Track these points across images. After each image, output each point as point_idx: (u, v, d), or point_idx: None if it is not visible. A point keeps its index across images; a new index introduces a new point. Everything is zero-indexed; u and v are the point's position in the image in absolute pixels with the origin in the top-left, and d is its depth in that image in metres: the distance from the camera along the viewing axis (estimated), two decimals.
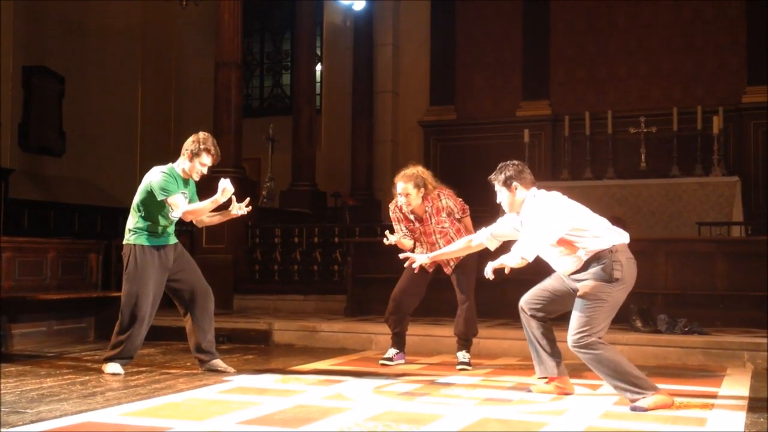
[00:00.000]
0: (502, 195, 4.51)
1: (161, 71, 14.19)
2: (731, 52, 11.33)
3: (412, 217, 5.66)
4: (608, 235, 4.26)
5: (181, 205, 5.11)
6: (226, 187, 5.03)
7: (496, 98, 12.46)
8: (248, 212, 5.30)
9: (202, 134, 5.26)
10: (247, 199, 5.29)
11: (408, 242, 5.63)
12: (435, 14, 12.82)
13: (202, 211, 5.17)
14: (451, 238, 5.61)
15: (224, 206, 5.24)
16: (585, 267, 4.26)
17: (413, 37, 13.05)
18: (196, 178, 5.31)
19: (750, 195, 10.58)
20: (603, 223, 4.34)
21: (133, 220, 5.26)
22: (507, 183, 4.45)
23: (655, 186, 10.28)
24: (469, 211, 5.78)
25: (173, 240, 5.35)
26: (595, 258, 4.22)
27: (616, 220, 5.41)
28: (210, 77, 10.42)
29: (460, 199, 5.75)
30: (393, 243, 5.46)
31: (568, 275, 4.36)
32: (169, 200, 5.11)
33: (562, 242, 4.25)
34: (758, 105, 10.87)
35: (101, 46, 13.38)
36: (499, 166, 4.53)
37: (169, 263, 5.29)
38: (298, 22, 12.44)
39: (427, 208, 5.62)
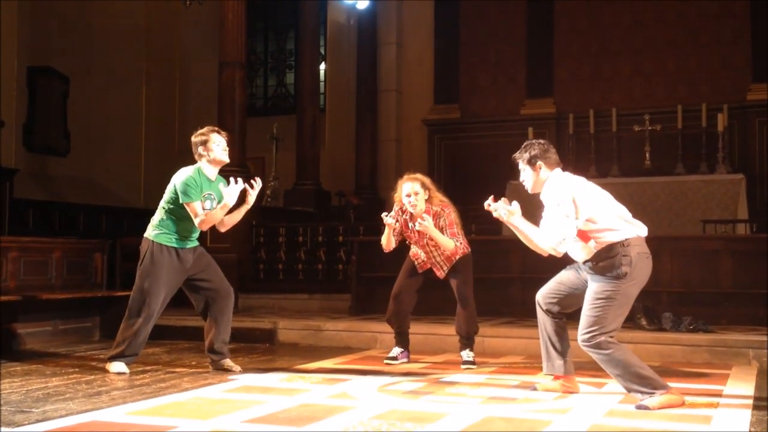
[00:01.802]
0: (525, 174, 4.41)
1: (165, 71, 14.21)
2: (736, 49, 11.30)
3: (411, 225, 5.66)
4: (624, 228, 4.18)
5: (198, 214, 5.12)
6: (231, 190, 5.08)
7: (500, 96, 12.45)
8: (260, 185, 5.33)
9: (199, 128, 5.31)
10: (257, 179, 5.34)
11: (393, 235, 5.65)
12: (438, 13, 12.82)
13: (215, 218, 5.17)
14: (444, 250, 5.60)
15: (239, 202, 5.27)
16: (596, 259, 4.19)
17: (417, 36, 13.05)
18: (225, 158, 5.25)
19: (755, 192, 10.56)
20: (622, 213, 4.25)
21: (159, 217, 5.25)
22: (531, 162, 4.36)
23: (660, 184, 10.25)
24: (456, 241, 5.53)
25: (194, 243, 5.35)
26: (606, 250, 4.15)
27: None
28: (214, 77, 10.43)
29: (455, 231, 5.57)
30: (387, 223, 5.51)
31: (582, 263, 4.32)
32: (190, 206, 5.12)
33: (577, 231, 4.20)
34: (763, 102, 10.85)
35: (106, 46, 13.41)
36: (525, 144, 4.44)
37: (187, 265, 5.28)
38: (301, 21, 12.44)
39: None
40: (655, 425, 3.74)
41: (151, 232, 5.25)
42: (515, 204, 4.31)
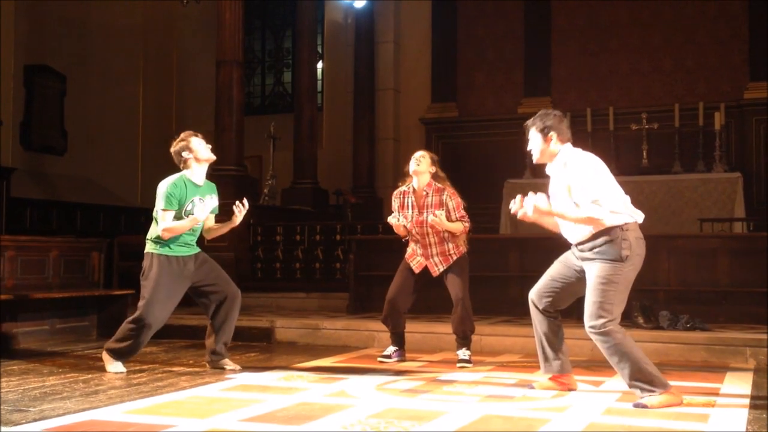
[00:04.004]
0: (534, 142, 4.37)
1: (162, 70, 14.20)
2: (733, 48, 11.32)
3: (410, 201, 5.71)
4: (624, 212, 4.17)
5: (164, 222, 5.13)
6: (204, 206, 5.14)
7: (497, 95, 12.46)
8: (247, 207, 5.38)
9: (174, 137, 5.37)
10: (244, 201, 5.38)
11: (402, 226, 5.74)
12: (436, 11, 12.83)
13: (180, 229, 5.16)
14: (444, 238, 5.64)
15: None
16: (594, 240, 4.16)
17: (414, 35, 13.05)
18: (211, 155, 5.31)
19: (752, 191, 10.58)
20: (624, 199, 4.24)
21: (153, 229, 5.26)
22: (544, 131, 4.32)
23: (657, 182, 10.27)
24: (467, 222, 5.67)
25: (194, 250, 5.34)
26: (605, 233, 4.13)
27: None
28: (211, 75, 10.43)
29: (463, 212, 5.69)
30: (394, 224, 5.66)
31: (576, 245, 4.29)
32: (162, 213, 5.13)
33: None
34: (760, 101, 10.88)
35: (103, 44, 13.40)
36: (540, 112, 4.41)
37: (189, 272, 5.27)
38: (299, 19, 12.44)
39: (430, 194, 5.68)
40: (653, 423, 3.74)
41: (150, 247, 5.26)
42: (541, 197, 4.18)
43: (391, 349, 5.83)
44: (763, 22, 10.92)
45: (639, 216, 4.25)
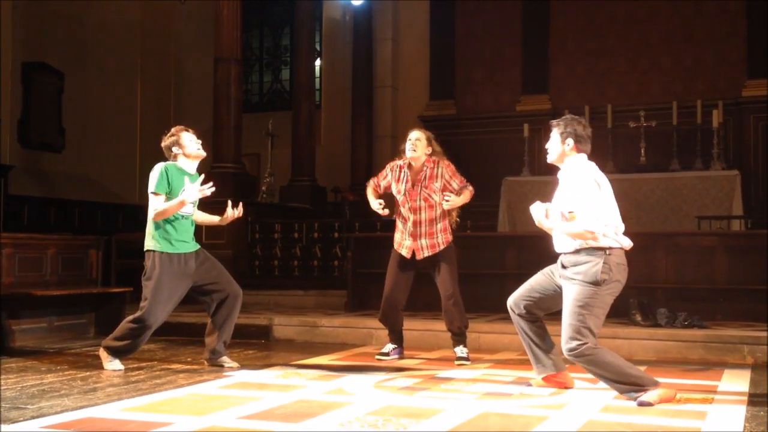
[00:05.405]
0: (553, 142, 4.43)
1: (160, 67, 14.19)
2: (731, 45, 11.32)
3: (406, 176, 5.69)
4: (612, 237, 4.19)
5: (157, 207, 5.13)
6: (192, 188, 5.11)
7: (495, 93, 12.46)
8: (240, 214, 5.47)
9: (165, 132, 5.36)
10: (240, 205, 5.44)
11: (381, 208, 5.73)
12: (434, 9, 12.82)
13: (170, 211, 5.14)
14: (434, 218, 5.61)
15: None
16: (577, 257, 4.20)
17: (413, 32, 13.05)
18: (202, 151, 5.32)
19: (750, 189, 10.57)
20: (618, 224, 4.26)
21: (150, 226, 5.25)
22: (563, 135, 4.38)
23: (655, 180, 10.26)
24: (469, 186, 5.66)
25: (193, 247, 5.32)
26: (587, 253, 4.17)
27: None
28: (209, 73, 10.42)
29: (461, 176, 5.69)
30: (375, 207, 5.67)
31: (561, 256, 4.31)
32: (153, 197, 5.13)
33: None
34: (758, 98, 10.87)
35: (100, 41, 13.39)
36: (568, 117, 4.46)
37: (190, 270, 5.26)
38: (297, 17, 12.44)
39: (425, 168, 5.66)
40: (650, 420, 3.75)
41: (148, 243, 5.24)
42: (538, 207, 4.31)
43: (389, 346, 5.82)
44: (762, 19, 10.92)
45: (626, 243, 4.26)
